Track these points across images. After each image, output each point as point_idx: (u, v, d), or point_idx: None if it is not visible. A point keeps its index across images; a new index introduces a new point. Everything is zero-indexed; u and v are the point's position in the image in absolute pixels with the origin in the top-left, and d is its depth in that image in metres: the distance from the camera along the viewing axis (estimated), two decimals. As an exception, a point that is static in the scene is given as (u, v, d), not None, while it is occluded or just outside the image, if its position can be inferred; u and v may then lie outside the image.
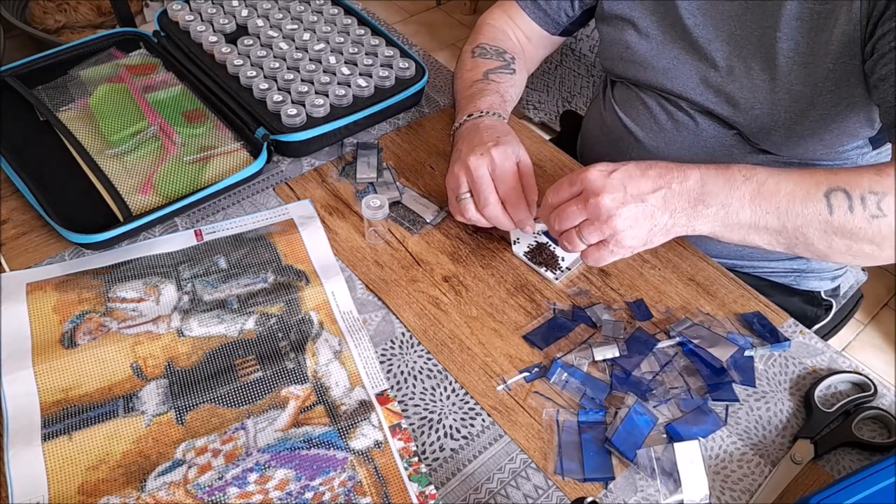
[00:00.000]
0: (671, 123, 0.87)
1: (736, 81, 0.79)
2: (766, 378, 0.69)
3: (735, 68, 0.79)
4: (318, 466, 0.59)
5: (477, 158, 0.71)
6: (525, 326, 0.71)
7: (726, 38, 0.79)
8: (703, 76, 0.82)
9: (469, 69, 0.90)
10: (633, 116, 0.91)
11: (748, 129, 0.81)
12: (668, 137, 0.88)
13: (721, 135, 0.84)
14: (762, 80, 0.77)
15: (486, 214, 0.72)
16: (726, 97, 0.80)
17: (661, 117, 0.88)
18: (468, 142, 0.75)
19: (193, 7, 0.99)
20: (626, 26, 0.86)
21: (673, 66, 0.84)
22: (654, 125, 0.89)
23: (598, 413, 0.64)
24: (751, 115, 0.79)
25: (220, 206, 0.81)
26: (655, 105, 0.88)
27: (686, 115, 0.85)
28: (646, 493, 0.60)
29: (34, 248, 0.75)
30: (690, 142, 0.86)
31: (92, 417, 0.61)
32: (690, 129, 0.86)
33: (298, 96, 0.87)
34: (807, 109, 0.76)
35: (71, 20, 1.98)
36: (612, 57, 0.91)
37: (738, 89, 0.79)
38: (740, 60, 0.78)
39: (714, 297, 0.75)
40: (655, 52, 0.85)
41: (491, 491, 0.60)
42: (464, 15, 2.73)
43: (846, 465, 0.63)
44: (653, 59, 0.85)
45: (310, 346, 0.68)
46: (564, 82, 1.94)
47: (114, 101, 0.86)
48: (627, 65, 0.89)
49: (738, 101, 0.79)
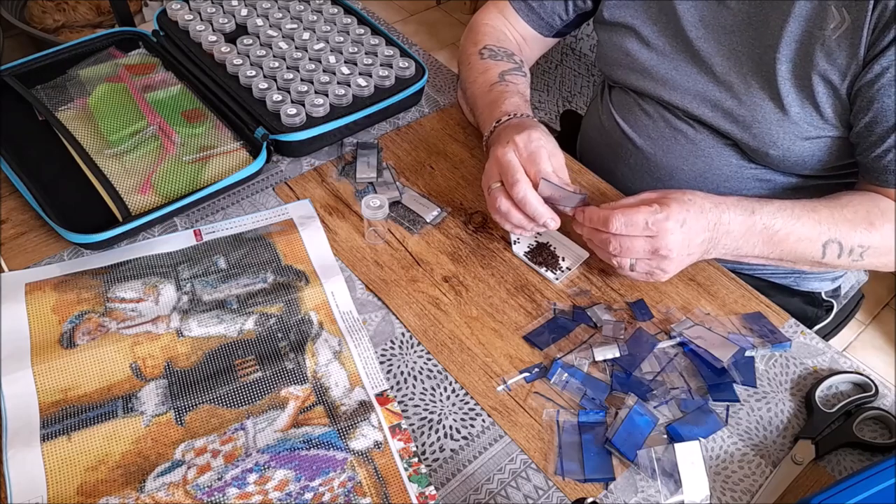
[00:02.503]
0: (670, 132, 0.87)
1: (735, 98, 0.79)
2: (766, 378, 0.69)
3: (734, 84, 0.78)
4: (318, 467, 0.59)
5: (503, 147, 0.72)
6: (525, 326, 0.71)
7: (727, 52, 0.78)
8: (702, 89, 0.81)
9: (482, 72, 0.88)
10: (631, 123, 0.91)
11: (746, 145, 0.80)
12: (666, 145, 0.87)
13: (719, 146, 0.84)
14: (761, 98, 0.77)
15: (515, 194, 0.69)
16: (724, 112, 0.80)
17: (659, 125, 0.87)
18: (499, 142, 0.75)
19: (193, 6, 0.98)
20: (626, 33, 0.86)
21: (673, 77, 0.83)
22: (652, 132, 0.89)
23: (598, 413, 0.64)
24: (749, 132, 0.79)
25: (219, 206, 0.80)
26: (654, 112, 0.88)
27: (686, 124, 0.85)
28: (646, 493, 0.60)
29: (33, 248, 0.74)
30: (688, 151, 0.86)
31: (91, 418, 0.61)
32: (689, 139, 0.85)
33: (298, 96, 0.87)
34: (808, 133, 0.76)
35: (70, 19, 1.98)
36: (611, 63, 0.90)
37: (737, 106, 0.79)
38: (739, 77, 0.78)
39: (715, 298, 0.75)
40: (656, 62, 0.84)
41: (491, 492, 0.60)
42: (464, 14, 2.73)
43: (847, 465, 0.63)
44: (653, 69, 0.85)
45: (309, 346, 0.68)
46: (564, 82, 1.93)
47: (113, 101, 0.86)
48: (627, 72, 0.88)
49: (736, 118, 0.79)
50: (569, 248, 0.78)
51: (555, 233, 0.79)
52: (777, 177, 0.83)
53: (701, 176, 0.86)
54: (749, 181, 0.84)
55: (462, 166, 0.87)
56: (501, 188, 0.71)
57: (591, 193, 0.85)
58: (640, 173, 0.91)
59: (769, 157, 0.79)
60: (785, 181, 0.83)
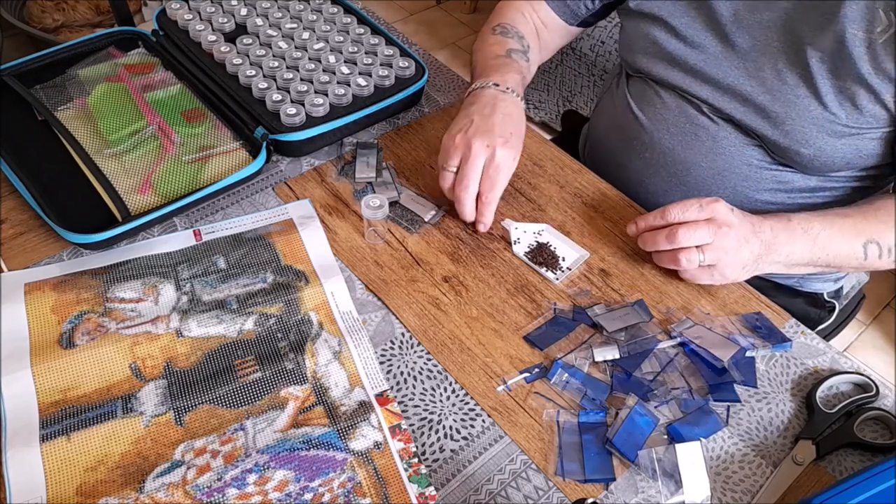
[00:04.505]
0: (690, 127, 0.84)
1: (769, 93, 0.77)
2: (767, 379, 0.69)
3: (768, 79, 0.76)
4: (318, 467, 0.59)
5: (481, 146, 0.73)
6: (525, 327, 0.71)
7: (762, 48, 0.76)
8: (733, 83, 0.79)
9: (491, 44, 0.89)
10: (649, 115, 0.88)
11: (774, 143, 0.79)
12: (685, 140, 0.85)
13: (741, 144, 0.82)
14: (796, 95, 0.75)
15: (457, 194, 0.74)
16: (756, 107, 0.78)
17: (680, 119, 0.85)
18: (481, 116, 0.75)
19: (192, 6, 0.98)
20: (655, 22, 0.84)
21: (702, 69, 0.81)
22: (672, 126, 0.86)
23: (598, 414, 0.64)
24: (781, 129, 0.77)
25: (219, 206, 0.80)
26: (675, 106, 0.85)
27: (708, 119, 0.83)
28: (647, 494, 0.60)
29: (32, 248, 0.74)
30: (709, 147, 0.84)
31: (90, 418, 0.61)
32: (711, 135, 0.83)
33: (298, 95, 0.86)
34: (843, 132, 0.75)
35: (69, 19, 1.97)
36: (636, 50, 0.87)
37: (771, 101, 0.77)
38: (774, 73, 0.76)
39: (715, 298, 0.75)
40: (685, 52, 0.82)
41: (491, 492, 0.60)
42: (463, 14, 2.73)
43: (848, 466, 0.63)
44: (681, 59, 0.82)
45: (309, 346, 0.67)
46: (565, 81, 1.93)
47: (112, 101, 0.86)
48: (652, 60, 0.85)
49: (769, 113, 0.77)
50: (569, 248, 0.78)
51: (555, 232, 0.79)
52: (796, 179, 0.82)
53: (719, 174, 0.84)
54: (767, 182, 0.83)
55: (462, 166, 0.87)
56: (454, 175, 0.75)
57: (592, 193, 0.85)
58: (656, 167, 0.89)
59: (799, 155, 0.78)
60: (803, 184, 0.82)
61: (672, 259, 0.73)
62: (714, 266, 0.71)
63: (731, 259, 0.71)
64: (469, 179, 0.73)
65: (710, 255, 0.70)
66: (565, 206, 0.83)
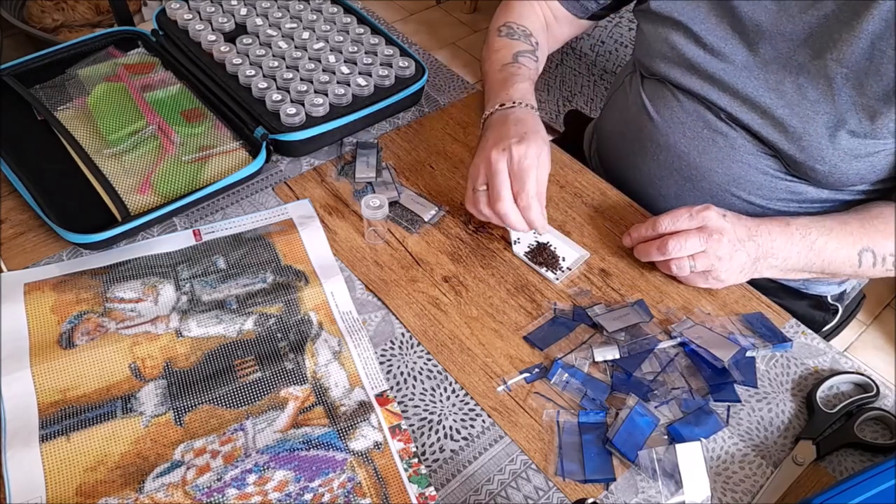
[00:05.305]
0: (708, 132, 0.83)
1: (788, 107, 0.76)
2: (767, 379, 0.69)
3: (788, 93, 0.75)
4: (318, 467, 0.59)
5: (498, 153, 0.71)
6: (525, 327, 0.71)
7: (784, 61, 0.75)
8: (752, 93, 0.78)
9: (496, 49, 0.88)
10: (666, 117, 0.86)
11: (790, 158, 0.78)
12: (702, 146, 0.83)
13: (758, 154, 0.80)
14: (814, 111, 0.74)
15: (497, 210, 0.71)
16: (774, 120, 0.77)
17: (698, 124, 0.83)
18: (495, 133, 0.74)
19: (192, 6, 0.98)
20: (675, 27, 0.82)
21: (722, 78, 0.79)
22: (688, 130, 0.84)
23: (598, 414, 0.64)
24: (797, 144, 0.76)
25: (218, 206, 0.80)
26: (693, 110, 0.84)
27: (726, 125, 0.81)
28: (647, 494, 0.60)
29: (32, 247, 0.74)
30: (725, 154, 0.82)
31: (90, 418, 0.61)
32: (728, 141, 0.82)
33: (297, 95, 0.86)
34: (859, 151, 0.74)
35: (69, 19, 1.97)
36: (653, 54, 0.86)
37: (789, 115, 0.76)
38: (794, 87, 0.75)
39: (715, 298, 0.75)
40: (704, 59, 0.80)
41: (491, 492, 0.60)
42: (463, 14, 2.73)
43: (848, 466, 0.63)
44: (700, 66, 0.81)
45: (309, 346, 0.67)
46: (565, 81, 1.93)
47: (112, 101, 0.86)
48: (669, 65, 0.84)
49: (786, 127, 0.76)
50: (569, 248, 0.78)
51: (555, 232, 0.79)
52: (810, 190, 0.81)
53: (734, 181, 0.83)
54: (781, 192, 0.82)
55: (462, 166, 0.87)
56: (486, 193, 0.72)
57: (592, 193, 0.85)
58: (670, 170, 0.87)
59: (815, 171, 0.77)
60: (816, 195, 0.81)
61: (665, 267, 0.75)
62: (709, 272, 0.72)
63: (725, 265, 0.72)
64: (498, 190, 0.71)
65: (701, 262, 0.71)
66: (565, 206, 0.83)
